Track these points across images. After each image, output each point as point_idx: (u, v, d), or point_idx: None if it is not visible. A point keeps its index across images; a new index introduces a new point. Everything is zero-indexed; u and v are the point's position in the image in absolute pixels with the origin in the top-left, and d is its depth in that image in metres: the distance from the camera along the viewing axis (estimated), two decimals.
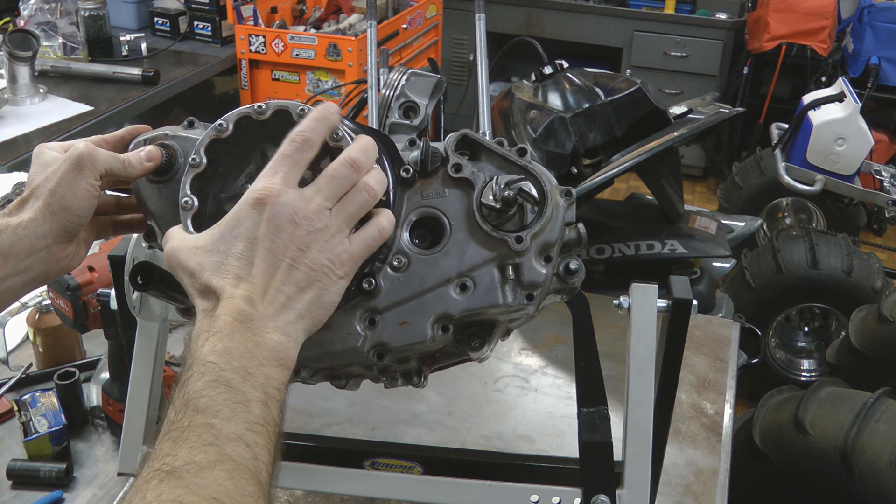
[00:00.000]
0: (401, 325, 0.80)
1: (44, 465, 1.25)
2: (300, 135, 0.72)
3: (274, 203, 0.69)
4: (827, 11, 4.55)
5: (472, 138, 0.83)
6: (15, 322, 1.48)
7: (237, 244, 0.69)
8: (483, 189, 0.81)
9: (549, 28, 5.06)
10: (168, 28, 3.61)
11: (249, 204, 0.70)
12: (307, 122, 0.73)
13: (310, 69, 3.45)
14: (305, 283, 0.70)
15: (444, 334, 0.80)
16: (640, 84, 1.95)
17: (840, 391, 2.16)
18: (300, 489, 1.23)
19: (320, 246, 0.70)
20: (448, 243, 0.81)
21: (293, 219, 0.69)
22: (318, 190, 0.71)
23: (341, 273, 0.72)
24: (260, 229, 0.69)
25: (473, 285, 0.80)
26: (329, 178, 0.72)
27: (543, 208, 0.81)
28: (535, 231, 0.80)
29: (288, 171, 0.71)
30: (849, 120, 3.19)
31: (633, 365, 0.93)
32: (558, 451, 1.33)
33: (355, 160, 0.73)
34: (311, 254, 0.70)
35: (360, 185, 0.73)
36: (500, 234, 0.80)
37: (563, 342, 1.64)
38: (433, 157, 0.82)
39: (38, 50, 2.84)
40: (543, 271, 0.81)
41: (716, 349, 1.67)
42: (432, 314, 0.80)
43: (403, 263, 0.80)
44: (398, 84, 1.07)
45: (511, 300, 0.81)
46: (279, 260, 0.69)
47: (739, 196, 3.81)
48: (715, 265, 2.22)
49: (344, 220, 0.72)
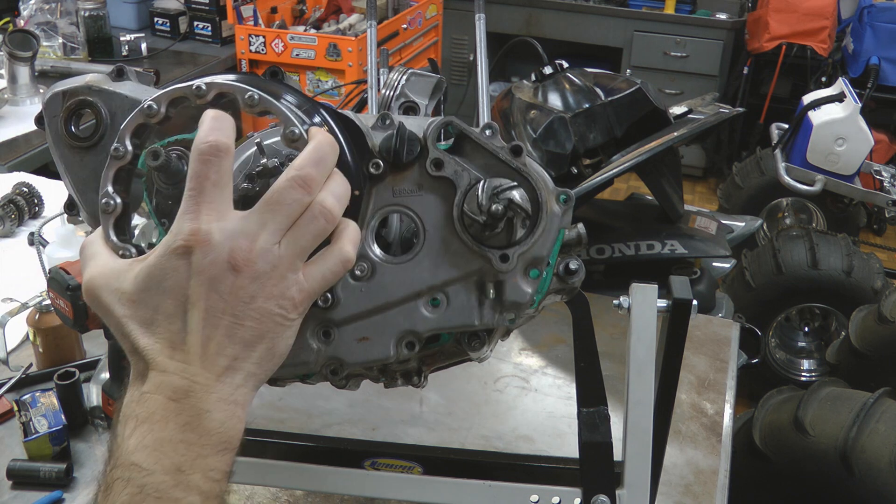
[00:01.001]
0: (360, 340, 0.70)
1: (44, 466, 1.25)
2: (205, 143, 0.57)
3: (204, 251, 0.56)
4: (827, 11, 4.55)
5: (458, 127, 0.70)
6: (15, 322, 1.48)
7: (166, 301, 0.57)
8: (467, 194, 0.68)
9: (549, 28, 5.06)
10: (168, 28, 3.61)
11: (174, 252, 0.56)
12: (207, 123, 0.58)
13: (310, 69, 3.45)
14: (253, 339, 0.58)
15: (410, 352, 0.71)
16: (640, 84, 1.95)
17: (840, 391, 2.16)
18: (300, 489, 1.23)
19: (268, 292, 0.58)
20: (420, 252, 0.69)
21: (232, 266, 0.56)
22: (262, 223, 0.57)
23: (295, 315, 0.60)
24: (191, 285, 0.56)
25: (446, 302, 0.70)
26: (274, 204, 0.58)
27: (536, 223, 0.69)
28: (524, 249, 0.69)
29: (211, 199, 0.56)
30: (849, 120, 3.19)
31: (633, 365, 0.92)
32: (558, 451, 1.33)
33: (306, 178, 0.58)
34: (258, 303, 0.58)
35: (314, 209, 0.59)
36: (483, 250, 0.69)
37: (563, 342, 1.64)
38: (409, 146, 0.67)
39: (38, 50, 2.84)
40: (529, 290, 0.71)
41: (716, 349, 1.67)
42: (397, 331, 0.70)
43: (366, 272, 0.69)
44: (398, 84, 1.07)
45: (489, 320, 0.71)
46: (219, 319, 0.57)
47: (739, 196, 3.81)
48: (715, 265, 2.22)
49: (296, 254, 0.59)
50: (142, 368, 0.58)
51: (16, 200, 1.99)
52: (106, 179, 0.64)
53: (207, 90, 0.63)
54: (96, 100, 0.71)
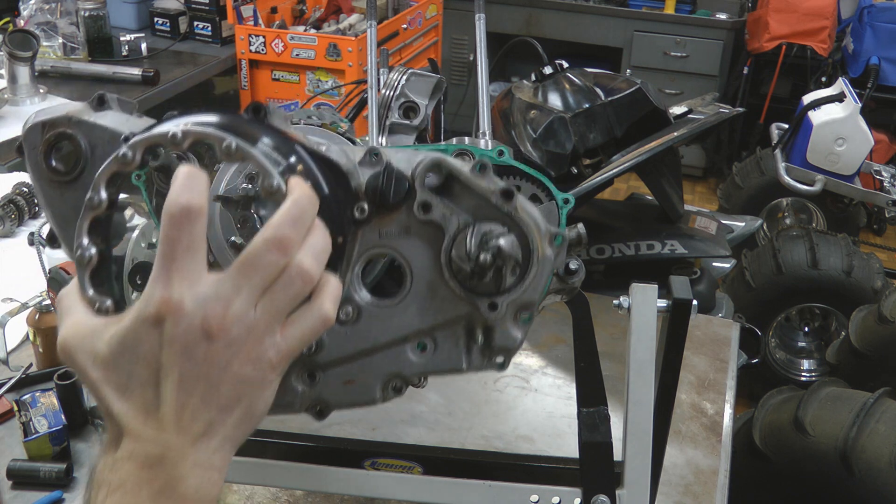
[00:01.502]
0: (346, 383, 0.69)
1: (44, 466, 1.25)
2: (176, 206, 0.54)
3: (176, 320, 0.54)
4: (827, 11, 4.55)
5: (447, 167, 0.66)
6: (15, 322, 1.48)
7: (139, 368, 0.56)
8: (455, 238, 0.66)
9: (549, 28, 5.06)
10: (168, 28, 3.61)
11: (146, 321, 0.55)
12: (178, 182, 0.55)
13: (310, 69, 3.45)
14: (229, 403, 0.57)
15: (397, 395, 0.71)
16: (640, 84, 1.95)
17: (840, 391, 2.16)
18: (300, 489, 1.23)
19: (244, 357, 0.56)
20: (408, 296, 0.68)
21: (206, 333, 0.54)
22: (237, 288, 0.55)
23: (273, 377, 0.58)
24: (163, 353, 0.55)
25: (434, 346, 0.69)
26: (249, 267, 0.55)
27: (527, 271, 0.67)
28: (513, 297, 0.67)
29: (182, 264, 0.54)
30: (849, 120, 3.19)
31: (633, 365, 0.93)
32: (558, 451, 1.33)
33: (283, 240, 0.55)
34: (234, 369, 0.56)
35: (290, 272, 0.56)
36: (471, 298, 0.67)
37: (563, 342, 1.64)
38: (397, 186, 0.64)
39: (38, 50, 2.84)
40: (519, 336, 0.69)
41: (716, 349, 1.67)
42: (383, 374, 0.69)
43: (351, 316, 0.67)
44: (398, 84, 1.07)
45: (477, 365, 0.70)
46: (193, 386, 0.55)
47: (739, 196, 3.81)
48: (715, 265, 2.22)
49: (272, 317, 0.57)
50: (116, 433, 0.57)
51: (16, 200, 1.99)
52: (81, 230, 0.60)
53: (183, 138, 0.59)
54: (76, 132, 0.68)
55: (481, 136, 1.16)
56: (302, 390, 0.68)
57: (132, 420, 0.56)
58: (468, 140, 1.15)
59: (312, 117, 1.06)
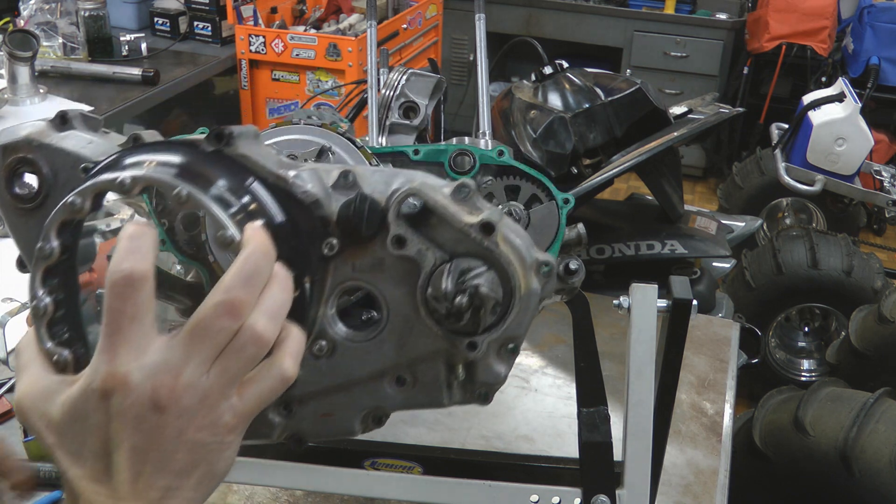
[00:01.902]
0: (323, 416, 0.66)
1: (44, 466, 1.25)
2: (118, 273, 0.51)
3: (124, 393, 0.52)
4: (827, 11, 4.56)
5: (423, 197, 0.61)
6: (15, 322, 1.48)
7: (90, 438, 0.54)
8: (431, 276, 0.62)
9: (549, 28, 5.06)
10: (168, 28, 3.61)
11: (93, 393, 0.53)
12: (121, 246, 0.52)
13: (310, 69, 3.45)
14: (187, 468, 0.54)
15: (377, 426, 0.68)
16: (640, 84, 1.95)
17: (840, 391, 2.16)
18: (300, 489, 1.23)
19: (198, 424, 0.54)
20: (384, 331, 0.64)
21: (156, 405, 0.52)
22: (187, 355, 0.52)
23: (231, 438, 0.56)
24: (112, 427, 0.53)
25: (413, 380, 0.66)
26: (200, 332, 0.53)
27: (507, 310, 0.63)
28: (494, 337, 0.64)
29: (127, 336, 0.52)
30: (849, 120, 3.19)
31: (633, 365, 0.92)
32: (558, 451, 1.33)
33: (234, 303, 0.52)
34: (188, 436, 0.54)
35: (242, 336, 0.53)
36: (449, 337, 0.63)
37: (563, 342, 1.64)
38: (369, 217, 0.60)
39: (38, 50, 2.83)
40: (503, 371, 0.66)
41: (716, 349, 1.67)
42: (361, 408, 0.67)
43: (326, 350, 0.64)
44: (398, 84, 1.07)
45: (458, 399, 0.67)
46: (145, 456, 0.53)
47: (739, 196, 3.82)
48: (715, 265, 2.22)
49: (226, 383, 0.54)
50: (72, 497, 0.55)
51: None
52: (34, 280, 0.57)
53: (133, 184, 0.55)
54: (37, 157, 0.65)
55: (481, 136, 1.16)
56: (279, 422, 0.66)
57: (87, 487, 0.54)
58: (468, 140, 1.16)
59: (312, 117, 1.06)
